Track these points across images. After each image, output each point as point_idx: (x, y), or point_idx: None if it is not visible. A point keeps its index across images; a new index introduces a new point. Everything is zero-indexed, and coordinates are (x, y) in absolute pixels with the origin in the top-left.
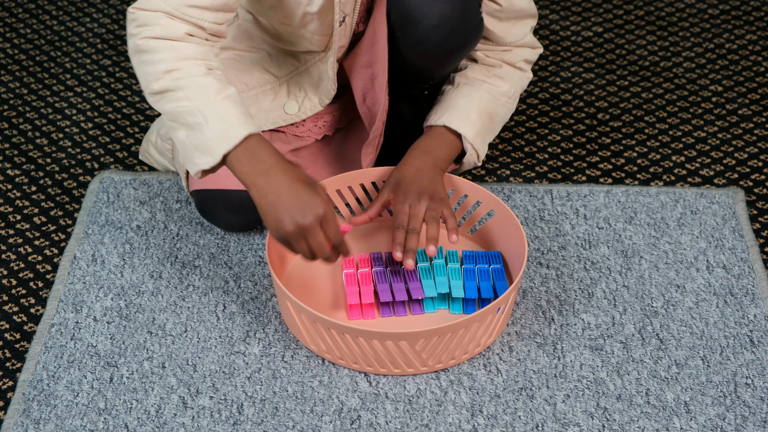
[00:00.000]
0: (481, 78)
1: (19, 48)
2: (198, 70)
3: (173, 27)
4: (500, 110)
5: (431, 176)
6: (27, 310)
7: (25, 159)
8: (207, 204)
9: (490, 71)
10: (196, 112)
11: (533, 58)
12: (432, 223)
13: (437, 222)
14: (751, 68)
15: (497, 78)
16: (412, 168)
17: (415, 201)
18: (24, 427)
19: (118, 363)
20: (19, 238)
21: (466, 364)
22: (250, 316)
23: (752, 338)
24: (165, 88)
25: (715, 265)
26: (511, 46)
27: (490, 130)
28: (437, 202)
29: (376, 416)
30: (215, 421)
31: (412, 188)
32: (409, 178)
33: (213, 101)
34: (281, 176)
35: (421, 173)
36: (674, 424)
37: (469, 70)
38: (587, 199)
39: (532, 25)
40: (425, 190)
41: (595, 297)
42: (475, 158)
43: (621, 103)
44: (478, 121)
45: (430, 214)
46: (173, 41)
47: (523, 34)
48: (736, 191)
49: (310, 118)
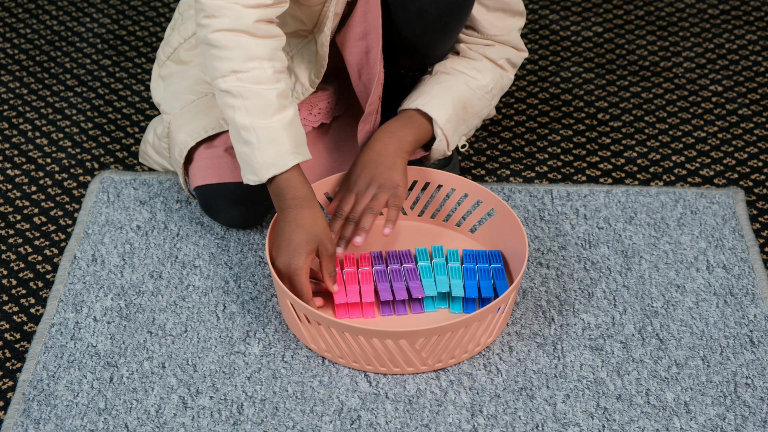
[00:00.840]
0: (460, 69)
1: (19, 48)
2: (264, 75)
3: (242, 15)
4: (476, 102)
5: (390, 160)
6: (27, 310)
7: (25, 159)
8: (210, 198)
9: (470, 63)
10: (251, 130)
11: (517, 61)
12: (367, 215)
13: (374, 214)
14: (751, 68)
15: (476, 71)
16: (371, 152)
17: (362, 189)
18: (24, 427)
19: (118, 363)
20: (19, 238)
21: (466, 364)
22: (250, 316)
23: (752, 338)
24: (229, 89)
25: (715, 265)
26: (495, 41)
27: (464, 121)
28: (385, 191)
29: (376, 416)
30: (215, 421)
31: (363, 175)
32: (365, 163)
33: (269, 124)
34: (296, 213)
35: (380, 157)
36: (674, 424)
37: (449, 61)
38: (587, 199)
39: (520, 26)
40: (377, 178)
41: (595, 297)
42: (445, 146)
43: (621, 103)
44: (451, 108)
45: (370, 205)
46: (243, 35)
47: (508, 30)
48: (736, 191)
49: (304, 106)
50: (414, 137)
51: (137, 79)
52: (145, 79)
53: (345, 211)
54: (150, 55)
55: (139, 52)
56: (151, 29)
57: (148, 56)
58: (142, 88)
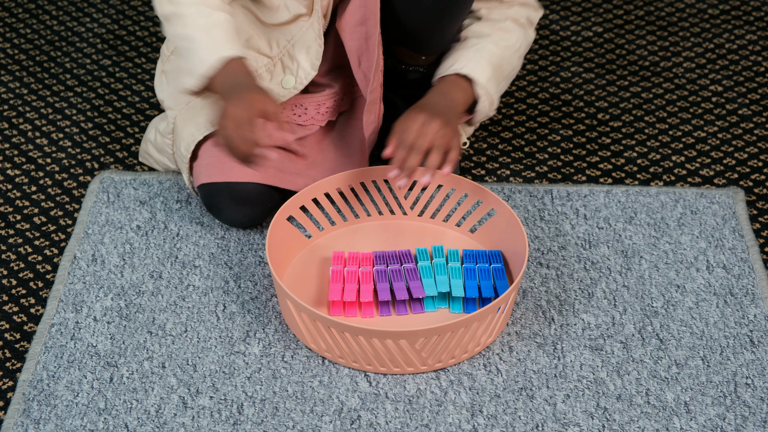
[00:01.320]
0: (487, 32)
1: (19, 48)
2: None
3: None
4: (508, 63)
5: (447, 109)
6: (27, 310)
7: (25, 159)
8: (213, 197)
9: (495, 25)
10: (188, 39)
11: (535, 20)
12: (437, 151)
13: (443, 151)
14: (751, 68)
15: (503, 32)
16: (426, 101)
17: (428, 119)
18: (24, 427)
19: (118, 363)
20: (19, 238)
21: (466, 364)
22: (250, 316)
23: (752, 338)
24: (168, 14)
25: (715, 265)
26: (513, 3)
27: (502, 80)
28: (450, 128)
29: (376, 416)
30: (215, 421)
31: (426, 109)
32: (424, 103)
33: (207, 26)
34: (240, 86)
35: (437, 106)
36: (674, 424)
37: (475, 25)
38: (587, 199)
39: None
40: (440, 113)
41: (595, 297)
42: (488, 106)
43: (621, 103)
44: (489, 69)
45: (440, 139)
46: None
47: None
48: (736, 191)
49: (312, 105)
50: (462, 99)
51: (137, 79)
52: (146, 79)
53: (410, 139)
54: (150, 55)
55: (139, 52)
56: (151, 29)
57: (148, 56)
58: (142, 88)
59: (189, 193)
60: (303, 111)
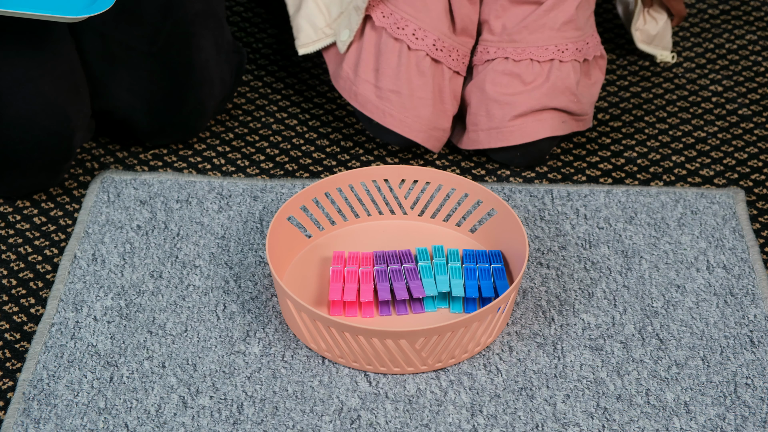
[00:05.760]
0: None
1: None
2: None
3: None
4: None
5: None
6: (27, 310)
7: None
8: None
9: None
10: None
11: None
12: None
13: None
14: (751, 68)
15: None
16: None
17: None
18: (24, 426)
19: (118, 362)
20: (19, 238)
21: (466, 364)
22: (250, 315)
23: (752, 338)
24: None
25: (716, 265)
26: None
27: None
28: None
29: (376, 416)
30: (215, 421)
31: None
32: None
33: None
34: None
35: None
36: (674, 424)
37: None
38: (587, 199)
39: None
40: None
41: (595, 297)
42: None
43: (621, 103)
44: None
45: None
46: None
47: None
48: (736, 191)
49: (446, 48)
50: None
51: None
52: None
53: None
54: None
55: None
56: None
57: None
58: None
59: (189, 192)
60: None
